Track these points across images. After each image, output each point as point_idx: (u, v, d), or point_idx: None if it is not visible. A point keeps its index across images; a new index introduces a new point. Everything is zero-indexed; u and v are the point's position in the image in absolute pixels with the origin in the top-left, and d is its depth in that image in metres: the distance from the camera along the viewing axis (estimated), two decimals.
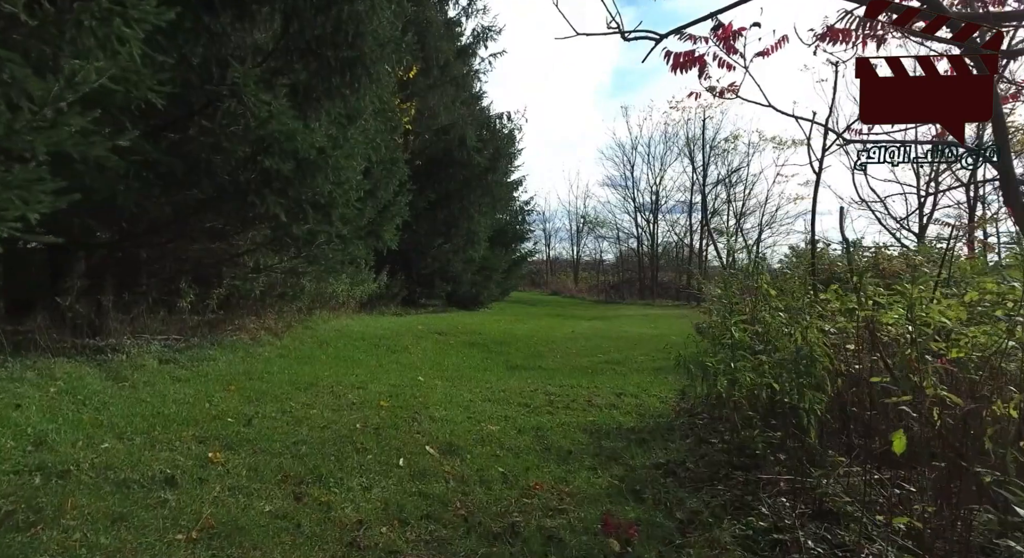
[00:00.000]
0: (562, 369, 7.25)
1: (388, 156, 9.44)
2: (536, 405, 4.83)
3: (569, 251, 39.45)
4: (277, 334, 7.88)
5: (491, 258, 18.07)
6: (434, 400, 4.72)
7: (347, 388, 4.91)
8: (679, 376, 6.95)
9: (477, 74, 18.63)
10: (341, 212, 7.38)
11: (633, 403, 5.03)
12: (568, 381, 6.18)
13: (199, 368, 5.24)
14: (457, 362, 7.18)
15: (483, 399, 4.99)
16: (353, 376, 5.51)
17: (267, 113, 5.28)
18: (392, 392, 4.90)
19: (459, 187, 15.74)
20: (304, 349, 7.05)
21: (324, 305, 10.39)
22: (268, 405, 4.06)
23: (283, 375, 5.21)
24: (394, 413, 4.15)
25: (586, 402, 5.03)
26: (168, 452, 2.92)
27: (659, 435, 4.02)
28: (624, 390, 5.71)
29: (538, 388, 5.64)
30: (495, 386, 5.67)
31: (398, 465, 3.09)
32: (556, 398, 5.13)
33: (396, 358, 7.02)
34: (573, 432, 4.04)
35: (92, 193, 4.96)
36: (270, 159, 5.53)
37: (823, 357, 2.39)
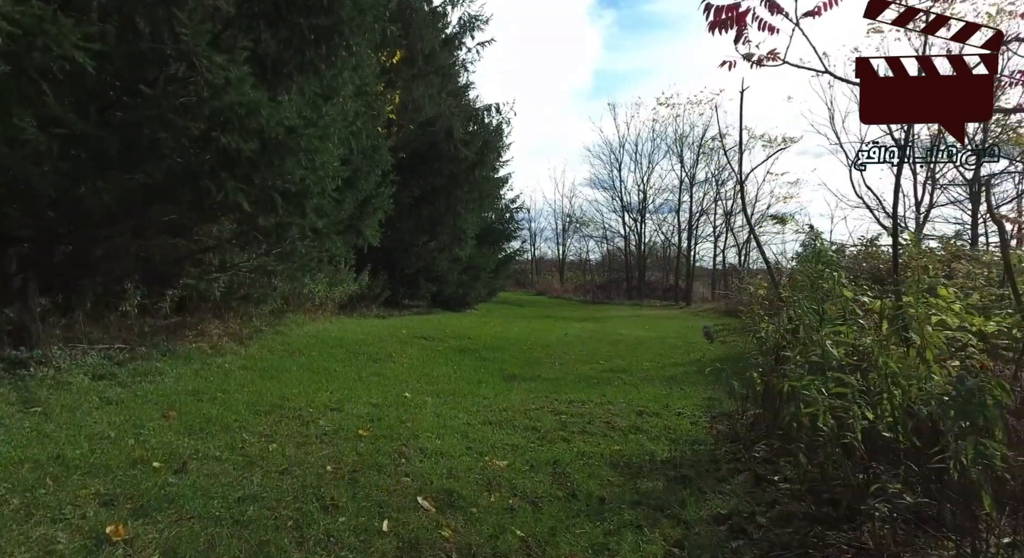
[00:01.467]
0: (565, 379, 6.49)
1: (370, 144, 8.57)
2: (546, 429, 4.05)
3: (554, 251, 38.85)
4: (243, 341, 6.97)
5: (478, 257, 17.26)
6: (425, 425, 3.91)
7: (319, 410, 4.07)
8: (698, 387, 6.25)
9: (464, 64, 17.78)
10: (316, 203, 6.50)
11: (659, 425, 4.28)
12: (575, 395, 5.42)
13: (139, 386, 4.35)
14: (448, 372, 6.37)
15: (483, 421, 4.20)
16: (327, 393, 4.66)
17: (223, 80, 4.41)
18: (373, 415, 4.07)
19: (445, 182, 14.93)
20: (272, 359, 6.17)
21: (299, 307, 9.47)
22: (214, 439, 3.20)
23: (241, 394, 4.34)
24: (376, 446, 3.33)
25: (604, 424, 4.27)
26: (47, 525, 2.05)
27: (703, 469, 3.28)
28: (642, 406, 4.97)
29: (544, 405, 4.87)
30: (494, 403, 4.88)
31: (380, 531, 2.28)
32: (568, 419, 4.36)
33: (378, 369, 6.18)
34: (599, 467, 3.27)
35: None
36: (228, 137, 4.65)
37: (994, 389, 1.68)
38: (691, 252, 28.25)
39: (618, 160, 30.57)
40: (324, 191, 6.52)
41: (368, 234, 8.69)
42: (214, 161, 4.79)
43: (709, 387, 6.23)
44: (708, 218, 28.81)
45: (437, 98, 16.43)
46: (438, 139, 14.60)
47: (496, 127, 16.71)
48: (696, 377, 6.94)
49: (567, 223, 36.66)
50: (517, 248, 22.83)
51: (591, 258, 36.64)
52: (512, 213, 20.42)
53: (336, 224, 7.70)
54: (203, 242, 7.13)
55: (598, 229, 32.94)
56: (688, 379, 6.76)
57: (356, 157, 7.89)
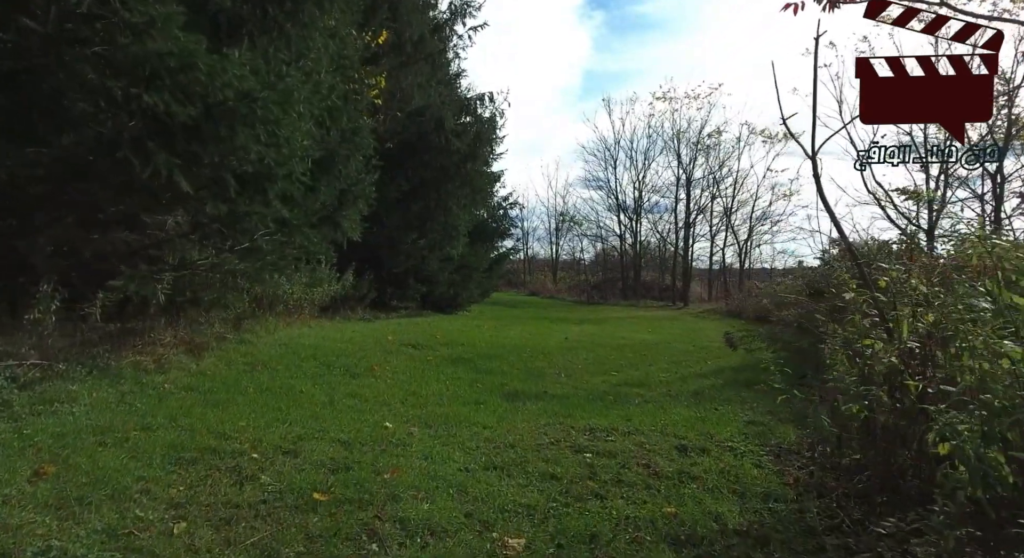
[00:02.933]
0: (576, 396, 5.52)
1: (351, 125, 7.52)
2: (570, 477, 3.07)
3: (546, 250, 37.92)
4: (198, 352, 5.91)
5: (471, 256, 16.25)
6: (408, 476, 2.91)
7: (267, 455, 3.05)
8: (732, 406, 5.31)
9: (456, 51, 16.76)
10: (281, 188, 5.48)
11: (712, 467, 3.32)
12: (594, 419, 4.46)
13: (33, 420, 3.31)
14: (439, 390, 5.37)
15: (485, 465, 3.21)
16: (284, 427, 3.63)
17: (145, 18, 3.38)
18: (340, 461, 3.06)
19: (435, 176, 13.91)
20: (228, 375, 5.13)
21: (269, 310, 8.41)
22: (92, 516, 2.17)
23: (167, 431, 3.30)
24: (335, 521, 2.32)
25: (642, 467, 3.29)
26: None
27: (799, 549, 2.33)
28: (679, 434, 4.01)
29: (559, 436, 3.89)
30: (497, 433, 3.89)
31: None
32: (595, 459, 3.38)
33: (355, 387, 5.16)
34: (655, 549, 2.30)
35: None
36: (154, 96, 3.61)
37: None
38: (688, 251, 27.44)
39: (613, 157, 29.71)
40: (291, 174, 5.50)
41: (348, 227, 7.63)
42: (139, 128, 3.75)
43: (746, 406, 5.31)
44: (704, 217, 28.01)
45: (427, 86, 15.42)
46: (428, 130, 13.59)
47: (490, 118, 15.66)
48: (725, 392, 6.02)
49: (560, 222, 35.76)
50: (511, 247, 21.88)
51: (584, 257, 35.76)
52: (506, 209, 19.47)
53: (309, 215, 6.66)
54: (156, 236, 6.06)
55: (592, 228, 32.05)
56: (717, 395, 5.82)
57: (333, 138, 6.85)
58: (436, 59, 16.14)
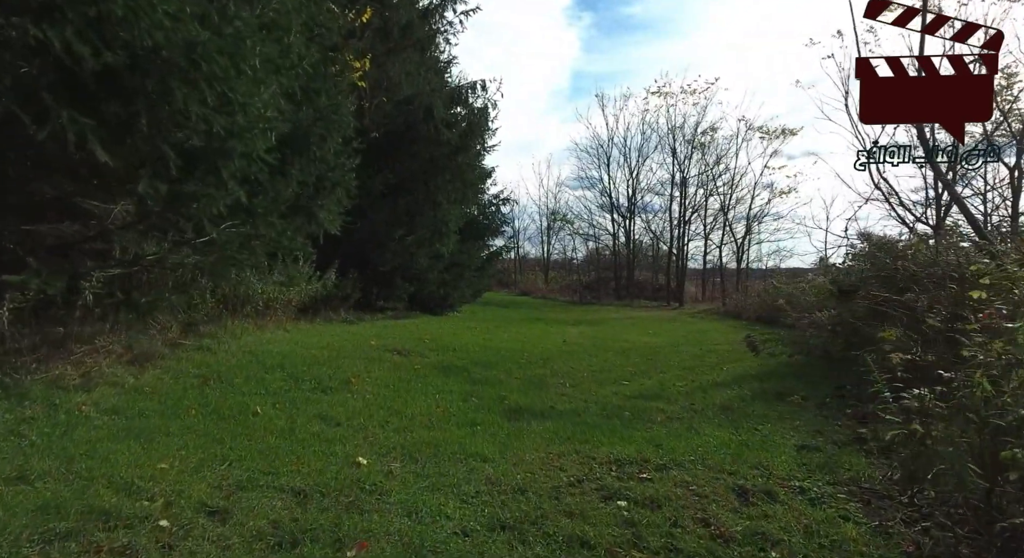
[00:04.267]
0: (588, 413, 4.69)
1: (328, 103, 6.61)
2: (607, 543, 2.23)
3: (537, 249, 37.10)
4: (142, 363, 5.00)
5: (461, 254, 15.35)
6: (383, 550, 2.06)
7: (181, 520, 2.18)
8: (774, 424, 4.51)
9: (446, 37, 15.84)
10: (239, 167, 4.59)
11: (796, 525, 2.49)
12: (618, 446, 3.63)
13: None
14: (427, 408, 4.51)
15: (488, 524, 2.37)
16: (220, 469, 2.74)
17: None
18: (286, 529, 2.19)
19: (424, 168, 13.04)
20: (170, 393, 4.23)
21: (237, 312, 7.48)
22: None
23: (46, 484, 2.40)
24: None
25: (699, 523, 2.47)
26: None
27: None
28: (731, 469, 3.20)
29: (581, 474, 3.06)
30: (500, 470, 3.05)
31: None
32: (635, 514, 2.54)
33: (326, 406, 4.27)
34: None
35: None
36: (50, 31, 2.72)
37: None
38: (683, 250, 26.77)
39: (607, 154, 28.93)
40: (252, 152, 4.61)
41: (325, 219, 6.74)
42: (31, 74, 2.84)
43: (786, 423, 4.53)
44: (699, 215, 27.32)
45: (415, 74, 14.53)
46: (416, 119, 12.72)
47: (482, 109, 14.75)
48: (756, 406, 5.22)
49: (552, 220, 34.94)
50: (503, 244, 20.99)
51: (576, 257, 34.98)
52: (498, 206, 18.59)
53: (278, 202, 5.75)
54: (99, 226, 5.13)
55: (584, 227, 31.25)
56: (749, 410, 5.04)
57: (306, 114, 5.95)
58: (425, 46, 15.27)
